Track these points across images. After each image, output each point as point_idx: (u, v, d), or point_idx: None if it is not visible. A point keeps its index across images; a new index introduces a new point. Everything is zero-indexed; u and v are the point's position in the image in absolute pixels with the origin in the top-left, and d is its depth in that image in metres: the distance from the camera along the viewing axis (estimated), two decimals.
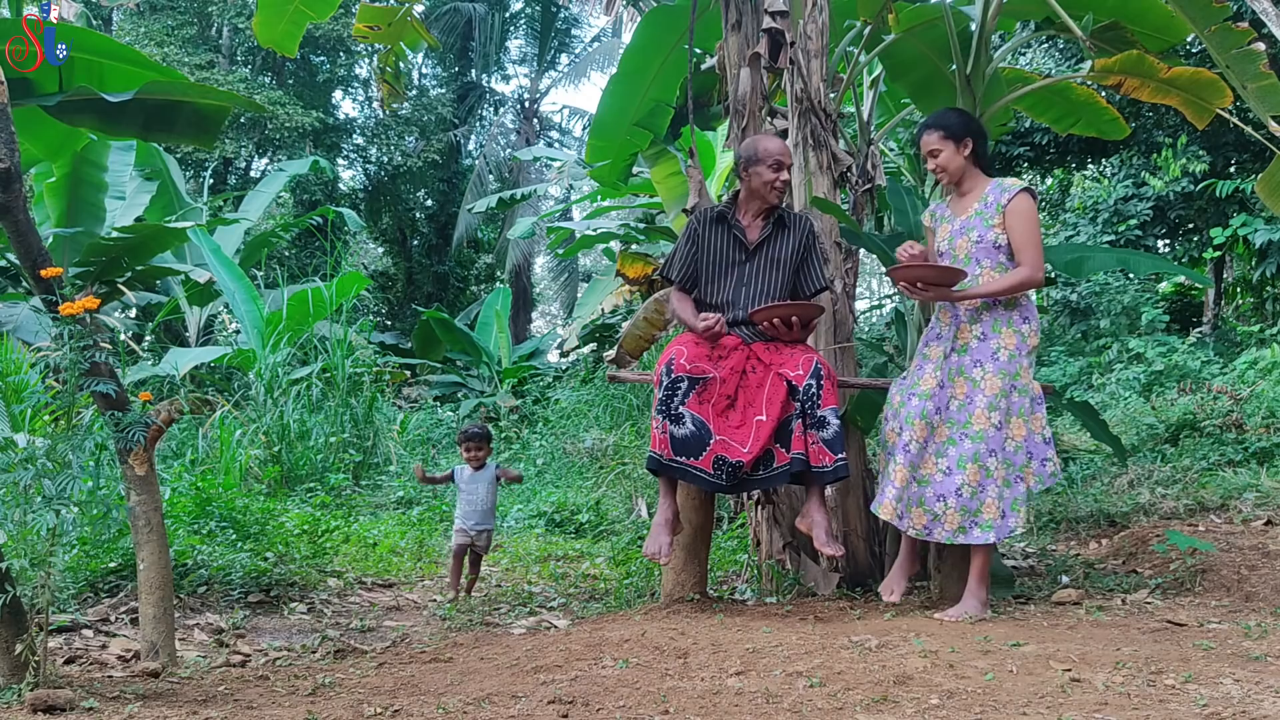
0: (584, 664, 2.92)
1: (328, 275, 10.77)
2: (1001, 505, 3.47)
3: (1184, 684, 2.54)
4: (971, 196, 3.64)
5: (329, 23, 14.94)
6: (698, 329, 3.67)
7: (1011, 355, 3.51)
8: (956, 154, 3.61)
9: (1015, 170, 11.69)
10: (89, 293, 2.86)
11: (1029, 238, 3.52)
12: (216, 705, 2.61)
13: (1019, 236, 3.53)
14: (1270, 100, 4.27)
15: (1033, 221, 3.53)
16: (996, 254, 3.55)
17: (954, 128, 3.62)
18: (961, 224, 3.63)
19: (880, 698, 2.48)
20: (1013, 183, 3.59)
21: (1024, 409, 3.51)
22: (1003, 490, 3.47)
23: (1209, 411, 7.22)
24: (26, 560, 2.55)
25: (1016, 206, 3.53)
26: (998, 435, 3.47)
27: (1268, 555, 4.42)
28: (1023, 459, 3.50)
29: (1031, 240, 3.52)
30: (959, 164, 3.63)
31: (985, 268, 3.56)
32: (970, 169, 3.65)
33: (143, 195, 10.90)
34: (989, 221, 3.56)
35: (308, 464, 7.69)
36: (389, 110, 18.63)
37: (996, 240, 3.55)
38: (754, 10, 4.62)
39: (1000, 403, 3.48)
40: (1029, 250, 3.52)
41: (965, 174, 3.65)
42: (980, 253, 3.57)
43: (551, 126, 24.21)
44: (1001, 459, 3.48)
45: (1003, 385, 3.49)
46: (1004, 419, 3.48)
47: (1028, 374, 3.53)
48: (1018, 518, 3.48)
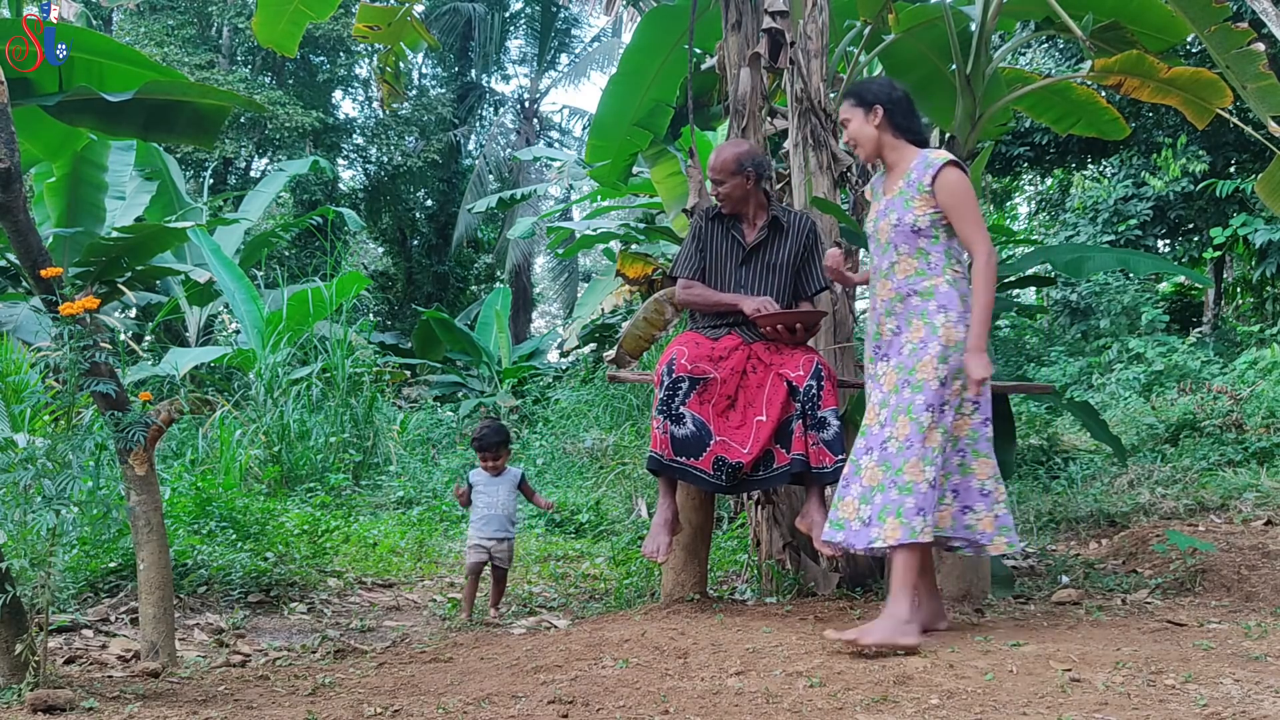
0: (584, 664, 2.92)
1: (328, 275, 10.76)
2: (865, 510, 3.06)
3: (1184, 684, 2.54)
4: (897, 173, 3.23)
5: (329, 23, 14.94)
6: (746, 308, 3.64)
7: (914, 349, 3.10)
8: (865, 123, 3.22)
9: (1015, 170, 11.70)
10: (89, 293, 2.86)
11: (969, 213, 3.11)
12: (216, 705, 2.61)
13: (958, 215, 3.11)
14: (1270, 100, 4.27)
15: (968, 195, 3.12)
16: (915, 239, 3.15)
17: (861, 94, 3.25)
18: (885, 204, 3.24)
19: (880, 698, 2.48)
20: (937, 155, 3.15)
21: (912, 407, 3.03)
22: (870, 493, 3.06)
23: (1209, 411, 7.22)
24: (26, 560, 2.55)
25: (945, 182, 3.10)
26: (879, 434, 3.09)
27: (1268, 555, 4.42)
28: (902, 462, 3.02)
29: (973, 217, 3.11)
30: (869, 135, 3.23)
31: (903, 254, 3.17)
32: (892, 142, 3.22)
33: (143, 195, 10.90)
34: (909, 203, 3.15)
35: (308, 464, 7.68)
36: (389, 110, 18.63)
37: (915, 223, 3.14)
38: (754, 10, 4.62)
39: (891, 399, 3.10)
40: (973, 228, 3.10)
41: (886, 148, 3.24)
42: (898, 238, 3.18)
43: (551, 126, 24.21)
44: (878, 459, 3.06)
45: (897, 380, 3.11)
46: (891, 416, 3.08)
47: (930, 369, 3.05)
48: (882, 529, 3.00)
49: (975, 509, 3.13)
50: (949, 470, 3.11)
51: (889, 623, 2.91)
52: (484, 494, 4.31)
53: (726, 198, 3.77)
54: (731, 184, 3.74)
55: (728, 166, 3.73)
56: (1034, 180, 13.75)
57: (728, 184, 3.74)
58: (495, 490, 4.31)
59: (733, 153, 3.75)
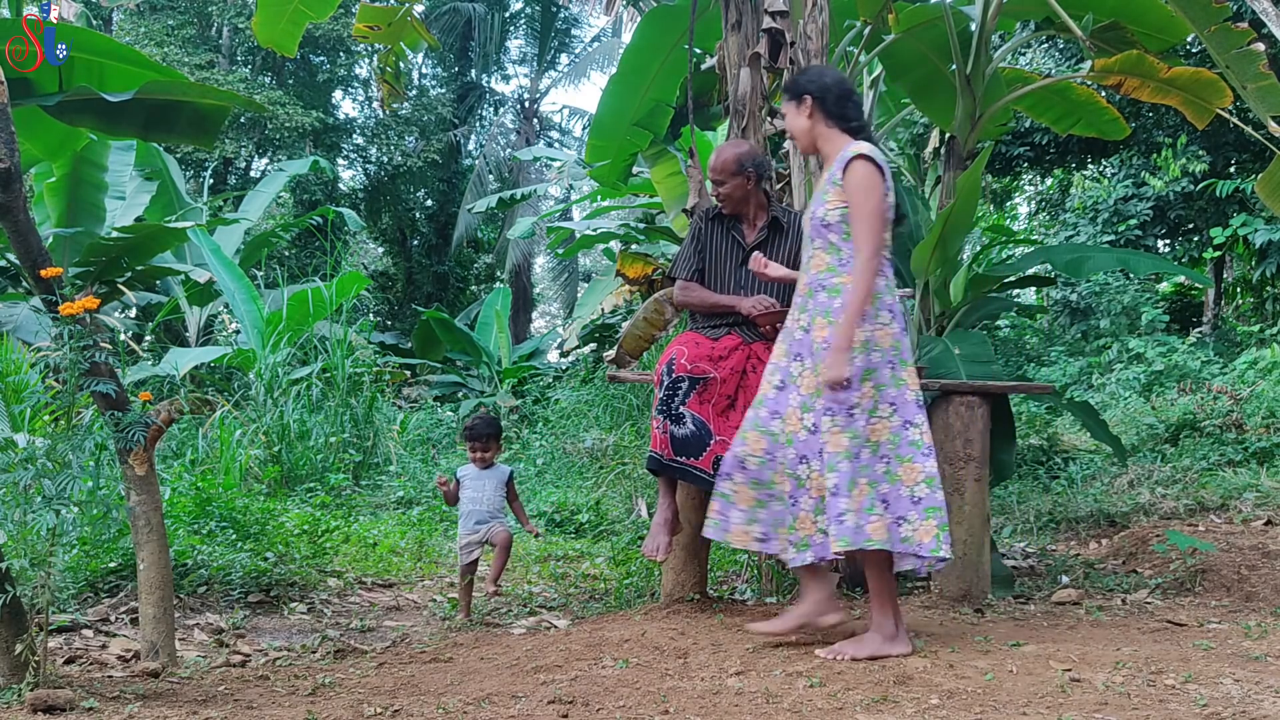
0: (584, 664, 2.92)
1: (328, 275, 10.76)
2: (821, 520, 2.97)
3: (1184, 684, 2.54)
4: (827, 166, 3.10)
5: (329, 23, 14.94)
6: (744, 307, 3.64)
7: (819, 349, 2.98)
8: (797, 115, 3.10)
9: (1015, 170, 11.69)
10: (89, 293, 2.86)
11: (862, 209, 2.94)
12: (216, 705, 2.61)
13: (853, 210, 2.95)
14: (1270, 100, 4.27)
15: (868, 191, 2.94)
16: (825, 233, 3.03)
17: (793, 86, 3.14)
18: (814, 197, 3.15)
19: (880, 698, 2.48)
20: (854, 148, 3.00)
21: (834, 415, 2.93)
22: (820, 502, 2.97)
23: (1209, 411, 7.22)
24: (26, 560, 2.55)
25: (850, 175, 2.96)
26: (812, 440, 2.97)
27: (1268, 555, 4.42)
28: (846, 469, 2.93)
29: (864, 213, 2.93)
30: (802, 126, 3.10)
31: (817, 249, 3.06)
32: (825, 133, 3.07)
33: (143, 195, 10.90)
34: (824, 196, 3.04)
35: (308, 464, 7.68)
36: (389, 110, 18.63)
37: (825, 218, 3.02)
38: (754, 10, 4.62)
39: (814, 403, 2.98)
40: (862, 226, 2.94)
41: (820, 139, 3.09)
42: (813, 231, 3.08)
43: (551, 126, 24.21)
44: (817, 466, 2.97)
45: (816, 383, 2.98)
46: (817, 421, 2.97)
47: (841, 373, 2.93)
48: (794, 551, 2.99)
49: (909, 519, 2.94)
50: (875, 479, 2.94)
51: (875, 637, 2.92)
52: (470, 488, 4.24)
53: (727, 198, 3.77)
54: (732, 184, 3.74)
55: (728, 167, 3.73)
56: (1034, 180, 13.74)
57: (728, 184, 3.74)
58: (482, 485, 4.22)
59: (733, 153, 3.75)
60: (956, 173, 4.55)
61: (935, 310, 4.59)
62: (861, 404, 2.93)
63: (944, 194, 4.66)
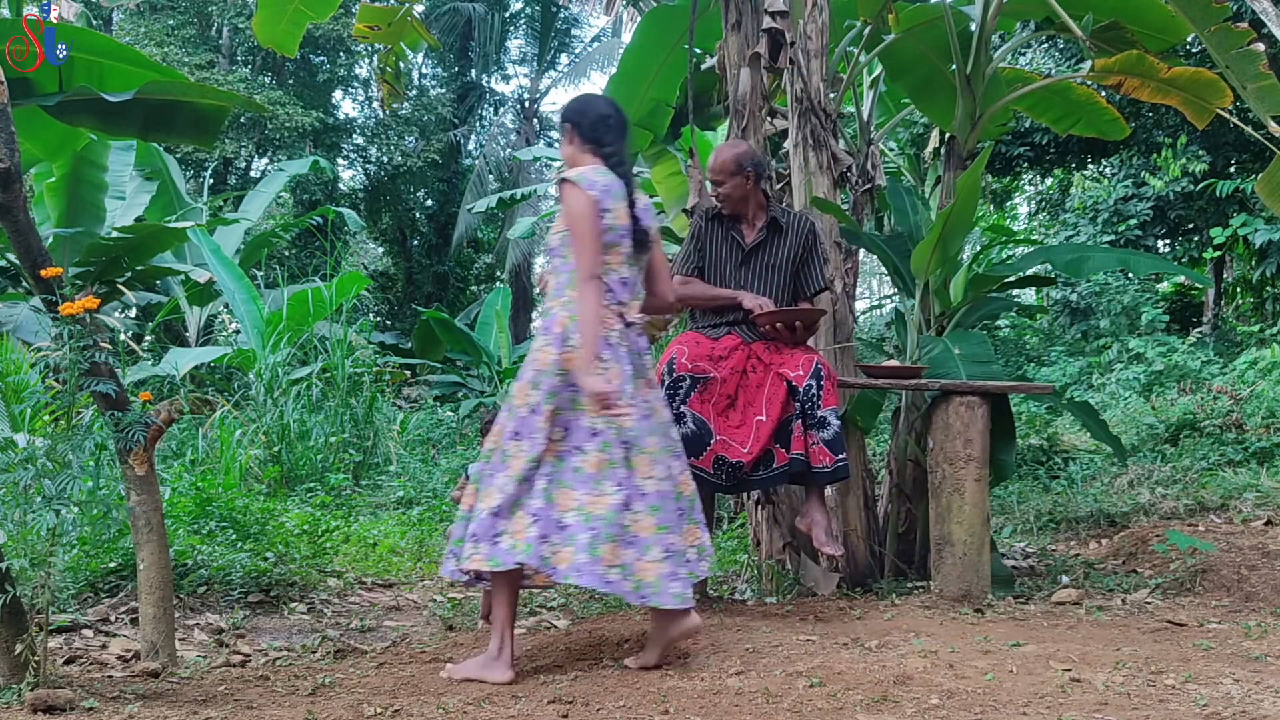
0: (584, 664, 2.92)
1: (328, 275, 10.76)
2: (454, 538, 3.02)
3: (1184, 684, 2.54)
4: None
5: (329, 23, 14.93)
6: (746, 302, 3.64)
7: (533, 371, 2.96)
8: (564, 141, 3.10)
9: (1015, 170, 11.69)
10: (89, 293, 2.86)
11: (572, 234, 2.91)
12: (216, 705, 2.61)
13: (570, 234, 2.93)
14: (1270, 100, 4.27)
15: (574, 215, 2.90)
16: (552, 256, 3.04)
17: (561, 113, 3.13)
18: None
19: (880, 698, 2.48)
20: (566, 172, 2.99)
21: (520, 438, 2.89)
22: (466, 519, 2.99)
23: (1209, 411, 7.22)
24: (26, 560, 2.55)
25: (561, 201, 2.96)
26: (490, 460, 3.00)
27: (1268, 555, 4.42)
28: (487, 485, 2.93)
29: (574, 236, 2.91)
30: (566, 152, 3.09)
31: (549, 272, 3.07)
32: (581, 158, 3.04)
33: (143, 195, 10.89)
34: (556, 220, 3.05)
35: (308, 464, 7.68)
36: (389, 110, 18.62)
37: (549, 241, 3.06)
38: (754, 10, 4.62)
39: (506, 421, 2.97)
40: (573, 249, 2.92)
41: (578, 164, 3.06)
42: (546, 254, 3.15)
43: (551, 126, 24.17)
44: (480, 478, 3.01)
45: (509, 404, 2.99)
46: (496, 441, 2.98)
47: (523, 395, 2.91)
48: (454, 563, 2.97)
49: (552, 540, 2.84)
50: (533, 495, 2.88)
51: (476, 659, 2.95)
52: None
53: (726, 198, 3.77)
54: (731, 184, 3.74)
55: (727, 167, 3.73)
56: (1034, 180, 13.74)
57: (727, 184, 3.74)
58: None
59: (732, 153, 3.75)
60: (956, 173, 4.55)
61: (935, 310, 4.59)
62: (541, 429, 2.88)
63: (944, 194, 4.66)
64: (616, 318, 2.96)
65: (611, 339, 2.92)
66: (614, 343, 2.92)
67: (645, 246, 3.06)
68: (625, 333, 2.97)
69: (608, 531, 2.79)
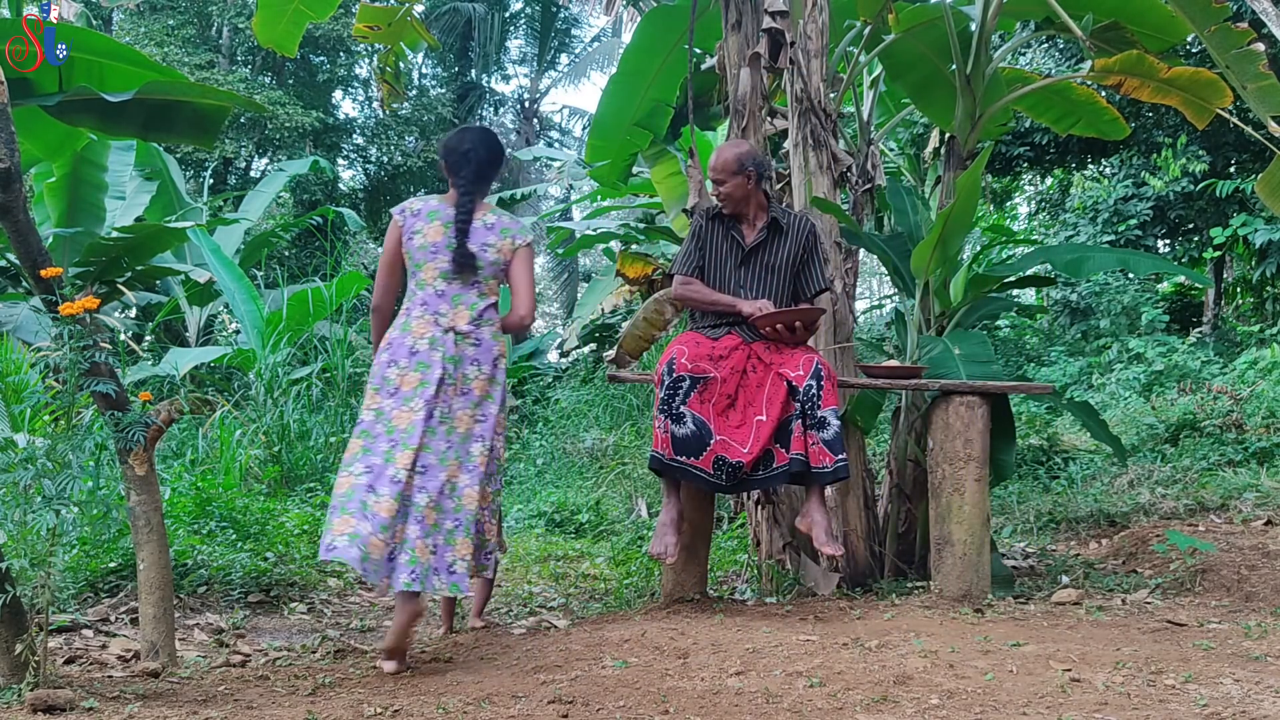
0: (584, 664, 2.92)
1: (328, 275, 10.76)
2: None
3: (1184, 684, 2.54)
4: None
5: (329, 23, 14.94)
6: (745, 310, 3.65)
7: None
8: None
9: (1015, 170, 11.69)
10: (89, 293, 2.87)
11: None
12: (216, 705, 2.61)
13: None
14: (1270, 100, 4.27)
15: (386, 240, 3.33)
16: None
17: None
18: None
19: (880, 698, 2.48)
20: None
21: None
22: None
23: (1209, 411, 7.21)
24: (26, 560, 2.55)
25: None
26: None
27: (1268, 555, 4.41)
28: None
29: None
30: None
31: None
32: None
33: (143, 195, 10.90)
34: None
35: (308, 464, 7.68)
36: (389, 110, 18.62)
37: None
38: (754, 10, 4.62)
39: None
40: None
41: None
42: None
43: (551, 126, 24.20)
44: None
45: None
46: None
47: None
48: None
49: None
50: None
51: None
52: None
53: (727, 198, 3.77)
54: (732, 184, 3.74)
55: (728, 166, 3.73)
56: (1034, 180, 13.73)
57: (728, 184, 3.74)
58: None
59: (733, 153, 3.75)
60: (956, 173, 4.55)
61: (935, 310, 4.59)
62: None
63: (944, 194, 4.66)
64: (432, 326, 3.16)
65: (419, 347, 3.14)
66: (420, 350, 3.14)
67: (470, 268, 3.23)
68: (442, 339, 3.16)
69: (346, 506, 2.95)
